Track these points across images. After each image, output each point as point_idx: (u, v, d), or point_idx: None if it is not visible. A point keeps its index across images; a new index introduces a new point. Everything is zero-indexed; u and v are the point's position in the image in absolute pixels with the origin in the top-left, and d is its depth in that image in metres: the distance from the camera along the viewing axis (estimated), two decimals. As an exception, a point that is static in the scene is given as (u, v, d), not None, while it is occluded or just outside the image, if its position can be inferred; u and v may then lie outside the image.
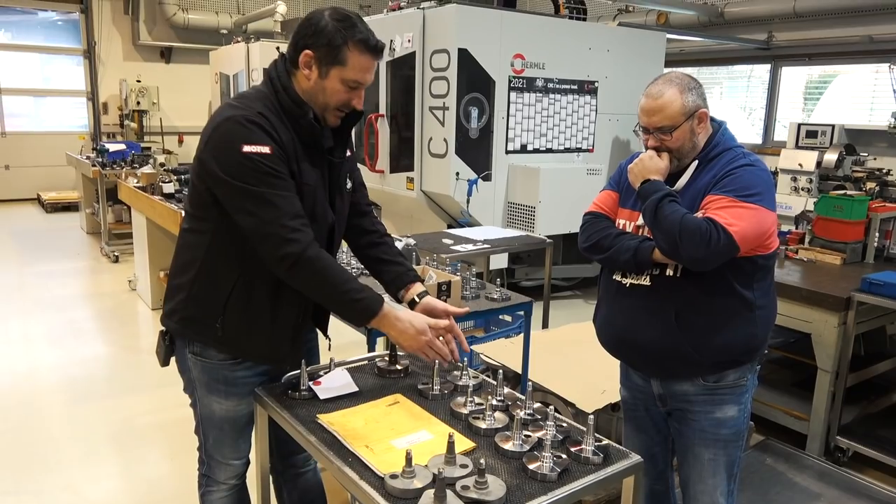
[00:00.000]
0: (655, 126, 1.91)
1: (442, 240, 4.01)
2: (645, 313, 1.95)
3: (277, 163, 1.68)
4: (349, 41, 1.70)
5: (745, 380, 1.98)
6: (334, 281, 1.72)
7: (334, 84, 1.74)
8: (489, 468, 1.46)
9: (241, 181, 1.66)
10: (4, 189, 10.81)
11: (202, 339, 1.86)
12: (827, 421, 3.22)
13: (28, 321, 5.25)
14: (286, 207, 1.68)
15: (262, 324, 1.82)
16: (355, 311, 1.76)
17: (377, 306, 1.74)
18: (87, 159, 7.66)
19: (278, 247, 1.67)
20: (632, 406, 2.19)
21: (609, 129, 6.29)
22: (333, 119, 1.81)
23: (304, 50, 1.73)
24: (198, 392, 1.94)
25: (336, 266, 1.74)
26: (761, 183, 1.84)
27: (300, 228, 1.68)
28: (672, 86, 1.89)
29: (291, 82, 1.77)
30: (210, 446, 1.98)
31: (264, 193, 1.66)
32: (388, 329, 1.77)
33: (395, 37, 5.74)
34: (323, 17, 1.72)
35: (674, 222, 1.80)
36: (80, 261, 7.24)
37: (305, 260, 1.68)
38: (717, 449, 1.99)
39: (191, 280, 1.84)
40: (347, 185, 1.96)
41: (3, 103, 10.85)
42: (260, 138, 1.67)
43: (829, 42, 8.00)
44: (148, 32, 11.38)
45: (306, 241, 1.68)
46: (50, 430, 3.55)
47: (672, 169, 1.96)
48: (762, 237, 1.84)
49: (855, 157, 6.32)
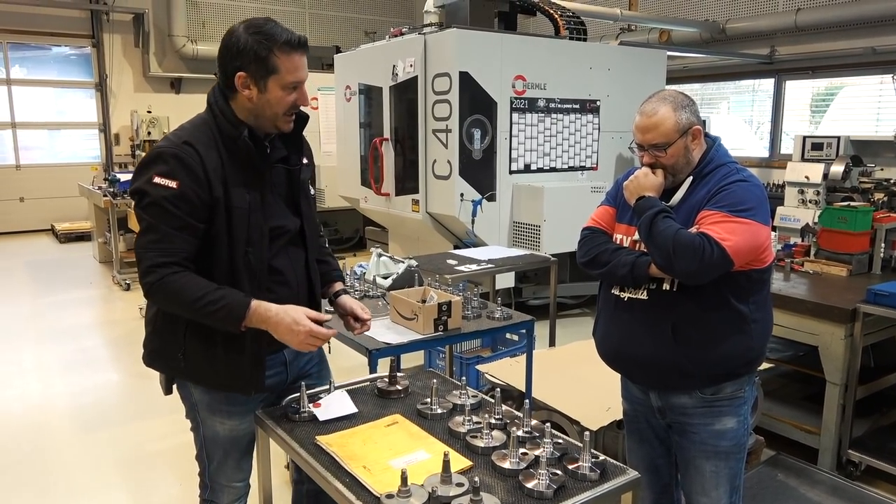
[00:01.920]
0: (650, 143, 1.94)
1: (446, 260, 4.03)
2: (642, 327, 1.97)
3: (180, 200, 1.72)
4: (273, 48, 1.74)
5: (742, 392, 1.99)
6: (191, 297, 1.72)
7: (276, 93, 1.78)
8: (485, 486, 1.46)
9: (140, 207, 1.75)
10: (20, 221, 10.98)
11: (172, 373, 1.92)
12: (838, 434, 3.19)
13: (41, 350, 5.31)
14: (164, 243, 1.72)
15: (220, 352, 1.83)
16: (221, 319, 1.74)
17: (242, 309, 1.73)
18: (99, 189, 7.79)
19: (141, 274, 1.75)
20: (633, 418, 2.20)
21: (612, 146, 6.31)
22: (286, 125, 1.86)
23: (237, 73, 1.75)
24: (200, 415, 1.96)
25: (193, 284, 1.73)
26: (754, 198, 1.87)
27: (166, 264, 1.72)
28: (665, 104, 1.93)
29: (229, 106, 1.81)
30: (213, 470, 2.00)
31: (150, 222, 1.73)
32: (264, 325, 1.75)
33: (397, 62, 5.82)
34: (240, 35, 1.75)
35: (667, 237, 1.83)
36: (93, 289, 7.32)
37: (160, 285, 1.72)
38: (719, 461, 1.99)
39: (154, 314, 1.91)
40: (311, 191, 2.02)
41: (18, 137, 11.07)
42: (171, 173, 1.72)
43: (833, 54, 8.01)
44: (158, 64, 11.60)
45: (164, 273, 1.72)
46: (61, 458, 3.58)
47: (667, 185, 1.99)
48: (756, 251, 1.87)
49: (862, 168, 6.29)
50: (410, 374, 2.15)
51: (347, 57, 6.78)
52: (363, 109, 6.53)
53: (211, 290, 1.73)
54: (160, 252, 1.72)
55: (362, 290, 3.13)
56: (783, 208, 6.51)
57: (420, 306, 2.57)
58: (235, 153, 1.79)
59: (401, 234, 6.71)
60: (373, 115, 6.37)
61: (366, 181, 6.50)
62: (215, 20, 11.87)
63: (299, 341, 1.75)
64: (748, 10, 8.75)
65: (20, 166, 11.09)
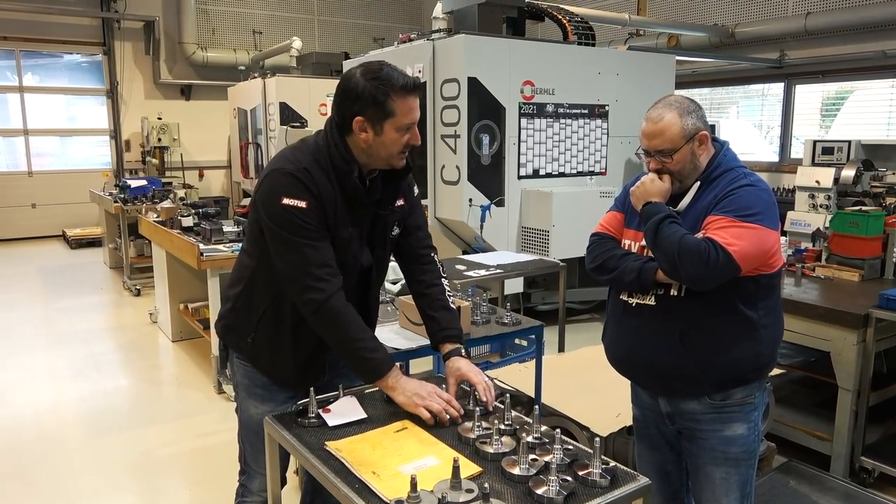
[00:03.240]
0: (656, 149, 1.94)
1: (455, 266, 4.02)
2: (650, 333, 1.96)
3: (311, 216, 1.81)
4: (390, 93, 1.79)
5: (752, 398, 1.97)
6: (351, 335, 1.84)
7: (391, 135, 1.83)
8: (495, 493, 1.45)
9: (279, 227, 1.82)
10: (31, 227, 11.07)
11: (237, 347, 2.04)
12: (850, 441, 3.15)
13: (52, 355, 5.35)
14: (314, 257, 1.81)
15: (282, 349, 1.98)
16: (363, 369, 1.86)
17: (385, 369, 1.84)
18: (110, 196, 7.84)
19: (302, 292, 1.83)
20: (643, 424, 2.19)
21: (621, 151, 6.30)
22: (399, 162, 1.91)
23: (355, 118, 1.82)
24: (240, 395, 2.08)
25: (357, 321, 1.85)
26: (761, 203, 1.86)
27: (325, 278, 1.82)
28: (671, 109, 1.93)
29: (344, 140, 1.86)
30: (248, 454, 2.10)
31: (296, 242, 1.81)
32: (392, 394, 1.85)
33: (405, 68, 5.81)
34: (358, 80, 1.80)
35: (673, 242, 1.83)
36: (103, 295, 7.37)
37: (328, 308, 1.82)
38: (729, 468, 1.98)
39: (237, 294, 2.04)
40: (394, 231, 2.04)
41: (30, 144, 11.18)
42: (299, 192, 1.80)
43: (843, 58, 7.97)
44: (168, 71, 11.70)
45: (330, 291, 1.82)
46: (71, 462, 3.60)
47: (674, 190, 1.98)
48: (763, 256, 1.86)
49: (873, 173, 6.26)
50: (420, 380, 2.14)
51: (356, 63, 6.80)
52: (372, 115, 6.54)
53: (368, 338, 1.86)
54: (315, 264, 1.81)
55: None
56: (794, 213, 6.48)
57: (429, 311, 2.57)
58: (346, 188, 1.87)
59: (409, 240, 6.71)
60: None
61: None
62: (225, 27, 11.96)
63: (420, 402, 1.80)
64: (758, 14, 8.73)
65: (32, 173, 11.19)
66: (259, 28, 12.06)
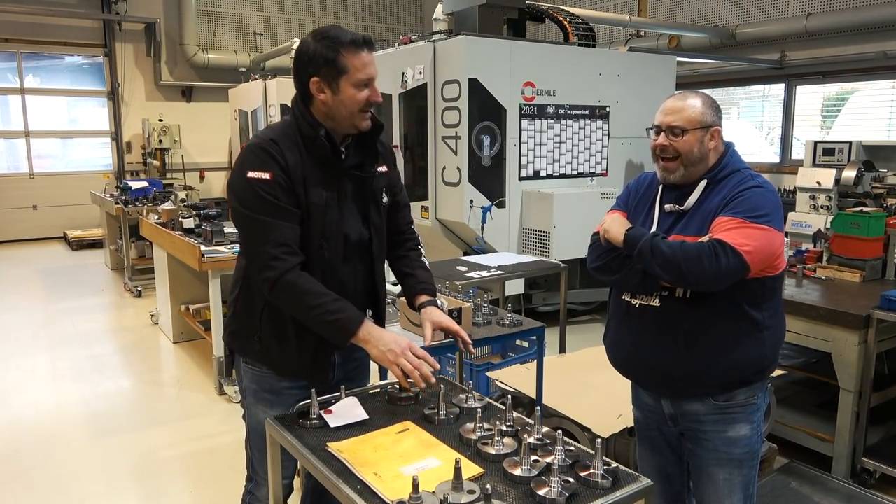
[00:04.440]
0: (669, 124, 1.94)
1: (456, 267, 4.03)
2: (654, 334, 1.96)
3: (275, 188, 1.82)
4: (340, 49, 1.84)
5: (755, 398, 1.98)
6: (310, 303, 1.82)
7: (349, 92, 1.86)
8: (497, 494, 1.45)
9: (242, 206, 1.85)
10: (32, 228, 11.08)
11: (245, 353, 2.03)
12: (852, 442, 3.15)
13: (53, 356, 5.35)
14: (272, 234, 1.82)
15: (288, 340, 1.96)
16: (332, 332, 1.85)
17: (356, 325, 1.83)
18: (111, 197, 7.85)
19: (259, 270, 1.84)
20: (644, 426, 2.19)
21: (622, 152, 6.30)
22: (363, 122, 1.93)
23: (310, 79, 1.86)
24: (248, 401, 2.08)
25: (314, 288, 1.84)
26: (769, 204, 1.87)
27: (281, 256, 1.81)
28: (698, 96, 1.96)
29: (309, 110, 1.91)
30: (256, 461, 2.09)
31: (257, 220, 1.83)
32: (367, 343, 1.84)
33: (406, 69, 5.84)
34: (309, 44, 1.87)
35: (674, 254, 1.83)
36: (105, 296, 7.37)
37: (282, 283, 1.81)
38: (732, 469, 1.98)
39: (236, 297, 2.04)
40: (384, 199, 2.06)
41: (31, 146, 11.19)
42: (264, 164, 1.83)
43: (844, 59, 7.96)
44: (169, 73, 11.70)
45: (284, 268, 1.81)
46: (73, 465, 3.60)
47: (677, 180, 1.98)
48: (771, 258, 1.87)
49: (874, 174, 6.25)
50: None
51: (357, 64, 6.80)
52: (373, 116, 6.54)
53: (329, 301, 1.83)
54: (273, 243, 1.81)
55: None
56: (795, 214, 6.48)
57: (430, 313, 2.57)
58: (314, 152, 1.89)
59: (410, 241, 6.71)
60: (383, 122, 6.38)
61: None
62: (226, 29, 11.97)
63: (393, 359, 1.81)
64: (758, 15, 8.73)
65: (33, 174, 11.20)
66: (260, 30, 12.07)
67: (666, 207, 2.00)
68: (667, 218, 2.00)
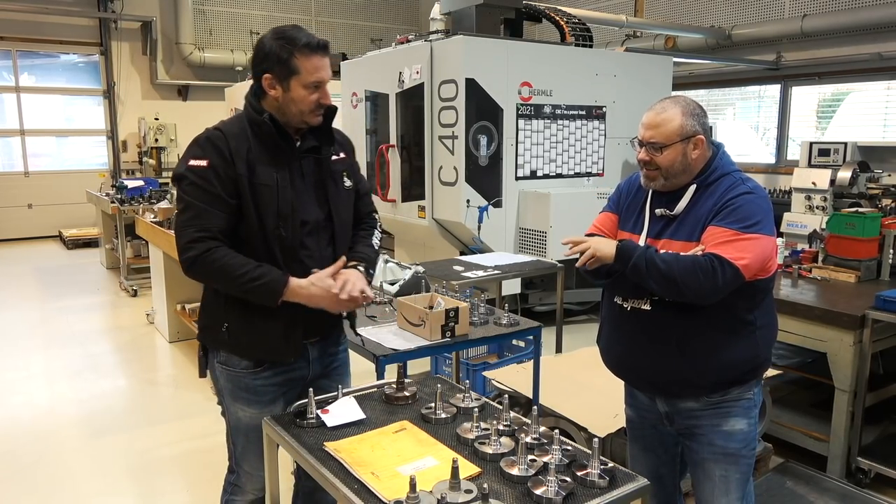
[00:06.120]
0: (648, 140, 1.94)
1: (453, 267, 4.03)
2: (645, 338, 1.96)
3: (211, 175, 1.88)
4: (294, 51, 1.89)
5: (750, 393, 1.99)
6: (232, 273, 1.87)
7: (299, 92, 1.91)
8: (494, 493, 1.46)
9: (181, 191, 1.92)
10: (28, 227, 11.04)
11: (218, 346, 2.04)
12: (847, 442, 3.16)
13: (49, 356, 5.34)
14: (199, 219, 1.87)
15: (256, 324, 1.98)
16: (261, 296, 1.89)
17: (280, 286, 1.89)
18: (107, 196, 7.83)
19: (181, 252, 1.89)
20: (638, 425, 2.20)
21: (618, 152, 6.31)
22: (314, 118, 1.98)
23: (263, 75, 1.92)
24: (226, 400, 2.09)
25: (233, 259, 1.88)
26: (761, 211, 1.88)
27: (202, 239, 1.86)
28: (676, 106, 1.94)
29: (260, 102, 1.98)
30: (239, 454, 2.11)
31: (190, 204, 1.89)
32: (300, 298, 1.91)
33: (403, 69, 5.84)
34: (266, 41, 1.93)
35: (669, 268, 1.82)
36: (100, 295, 7.35)
37: (200, 262, 1.87)
38: (728, 465, 1.99)
39: (203, 292, 2.09)
40: (346, 183, 2.11)
41: (27, 144, 11.15)
42: (203, 152, 1.90)
43: (839, 60, 8.00)
44: (165, 71, 11.68)
45: (202, 249, 1.86)
46: (69, 464, 3.59)
47: (660, 187, 1.98)
48: (764, 263, 1.88)
49: (869, 174, 6.27)
50: (418, 381, 2.15)
51: (354, 64, 6.81)
52: (369, 116, 6.55)
53: (251, 268, 1.88)
54: (196, 227, 1.87)
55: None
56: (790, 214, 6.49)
57: (427, 312, 2.58)
58: (261, 136, 1.94)
59: (407, 241, 6.72)
60: (379, 122, 6.39)
61: (372, 187, 6.51)
62: (222, 28, 11.95)
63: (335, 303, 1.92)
64: (754, 16, 8.75)
65: (28, 173, 11.17)
66: (256, 29, 12.03)
67: (657, 212, 2.00)
68: (657, 222, 2.00)
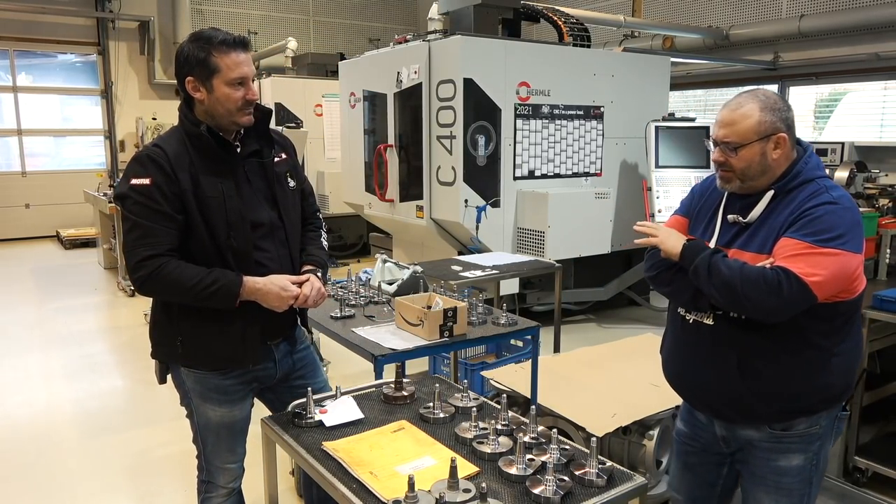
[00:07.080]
0: (722, 139, 1.77)
1: (451, 266, 4.03)
2: (706, 355, 1.82)
3: (155, 193, 1.88)
4: (211, 50, 1.90)
5: (817, 427, 1.80)
6: (187, 283, 1.87)
7: (222, 91, 1.91)
8: (492, 492, 1.46)
9: (126, 210, 1.91)
10: (25, 227, 11.03)
11: (175, 360, 2.03)
12: (844, 441, 3.17)
13: (46, 356, 5.33)
14: (147, 237, 1.87)
15: (209, 332, 1.98)
16: (219, 300, 1.90)
17: (236, 287, 1.91)
18: (104, 196, 7.82)
19: (132, 271, 1.89)
20: (688, 443, 2.04)
21: (616, 152, 6.31)
22: (244, 118, 1.97)
23: (185, 79, 1.93)
24: (193, 402, 2.08)
25: (186, 270, 1.88)
26: (844, 224, 1.66)
27: (153, 256, 1.86)
28: (754, 101, 1.76)
29: (192, 111, 1.99)
30: (209, 452, 2.13)
31: (136, 224, 1.88)
32: (255, 296, 1.94)
33: (401, 69, 5.84)
34: (184, 46, 1.95)
35: (732, 276, 1.66)
36: (98, 295, 7.35)
37: (152, 279, 1.86)
38: (780, 497, 1.84)
39: (153, 307, 2.07)
40: (291, 183, 2.12)
41: (24, 144, 11.13)
42: (144, 171, 1.89)
43: (836, 60, 8.02)
44: (163, 71, 11.66)
45: (153, 267, 1.86)
46: (66, 464, 3.59)
47: (736, 190, 1.82)
48: (846, 283, 1.68)
49: (866, 174, 6.28)
50: (416, 380, 2.15)
51: (352, 64, 6.81)
52: (367, 116, 6.55)
53: (204, 275, 1.89)
54: (146, 246, 1.87)
55: (367, 296, 3.13)
56: (788, 214, 6.50)
57: (426, 312, 2.58)
58: (201, 148, 1.94)
59: (405, 241, 6.72)
60: (377, 122, 6.39)
61: (370, 187, 6.52)
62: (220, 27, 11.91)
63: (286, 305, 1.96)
64: (752, 16, 8.77)
65: (26, 173, 11.15)
66: (254, 28, 12.04)
67: (729, 218, 1.83)
68: (729, 229, 1.82)
